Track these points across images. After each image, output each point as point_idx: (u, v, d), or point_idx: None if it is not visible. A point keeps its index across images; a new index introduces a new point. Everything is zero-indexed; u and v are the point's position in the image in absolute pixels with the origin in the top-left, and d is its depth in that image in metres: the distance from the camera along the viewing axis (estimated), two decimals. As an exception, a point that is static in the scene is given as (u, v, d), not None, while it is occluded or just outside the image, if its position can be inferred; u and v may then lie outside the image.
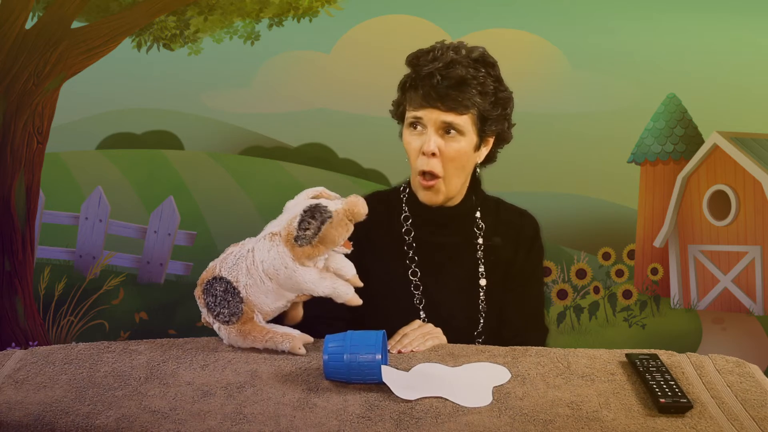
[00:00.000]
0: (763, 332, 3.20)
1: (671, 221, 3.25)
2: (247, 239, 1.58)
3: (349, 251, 1.57)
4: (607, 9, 3.09)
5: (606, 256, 3.24)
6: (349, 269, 1.59)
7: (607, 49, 3.09)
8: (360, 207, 1.52)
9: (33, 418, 1.31)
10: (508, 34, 3.08)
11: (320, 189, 1.59)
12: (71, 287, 3.14)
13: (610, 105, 3.12)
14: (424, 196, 1.78)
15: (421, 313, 1.80)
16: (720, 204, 3.21)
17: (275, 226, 1.55)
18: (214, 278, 1.54)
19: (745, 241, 3.18)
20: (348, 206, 1.51)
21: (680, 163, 3.22)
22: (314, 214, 1.49)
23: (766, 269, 3.17)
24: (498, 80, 1.76)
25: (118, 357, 1.54)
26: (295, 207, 1.55)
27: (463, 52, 1.73)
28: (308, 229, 1.49)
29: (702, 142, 3.18)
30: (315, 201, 1.53)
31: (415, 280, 1.82)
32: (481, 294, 1.83)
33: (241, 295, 1.53)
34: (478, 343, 1.81)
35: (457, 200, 1.82)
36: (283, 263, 1.51)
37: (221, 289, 1.54)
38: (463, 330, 1.79)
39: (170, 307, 3.16)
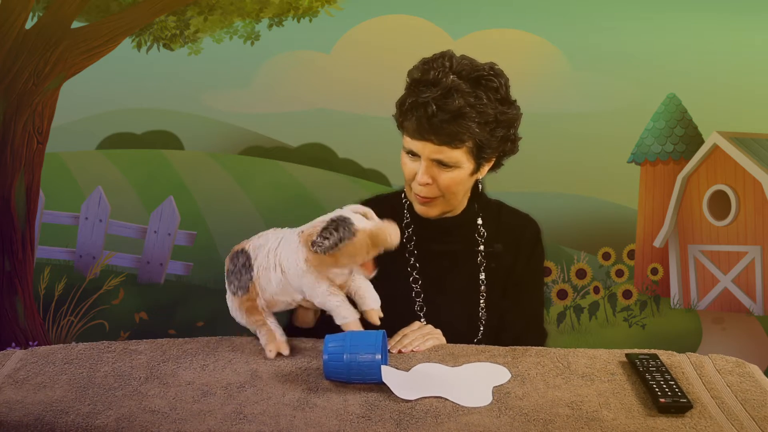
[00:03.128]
0: (763, 332, 3.20)
1: (671, 221, 3.24)
2: (286, 229, 1.60)
3: (370, 275, 1.56)
4: (607, 9, 3.09)
5: (606, 256, 3.24)
6: (372, 302, 1.58)
7: (607, 49, 3.09)
8: (386, 235, 1.50)
9: (33, 418, 1.31)
10: (508, 34, 3.08)
11: (367, 209, 1.57)
12: (71, 287, 3.14)
13: (610, 105, 3.12)
14: (420, 210, 1.77)
15: (422, 320, 1.80)
16: (720, 204, 3.21)
17: (308, 226, 1.56)
18: (241, 250, 1.59)
19: (745, 241, 3.18)
20: (375, 229, 1.51)
21: (680, 163, 3.22)
22: (338, 226, 1.49)
23: (766, 269, 3.17)
24: (503, 101, 1.69)
25: (118, 357, 1.55)
26: (330, 215, 1.56)
27: (466, 73, 1.65)
28: (327, 238, 1.49)
29: (702, 142, 3.18)
30: (347, 214, 1.53)
31: (416, 288, 1.82)
32: (482, 301, 1.83)
33: (252, 273, 1.56)
34: None
35: (458, 210, 1.82)
36: (296, 261, 1.53)
37: (241, 262, 1.58)
38: (463, 337, 1.77)
39: (170, 307, 3.16)
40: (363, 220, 1.53)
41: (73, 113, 3.08)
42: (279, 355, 1.56)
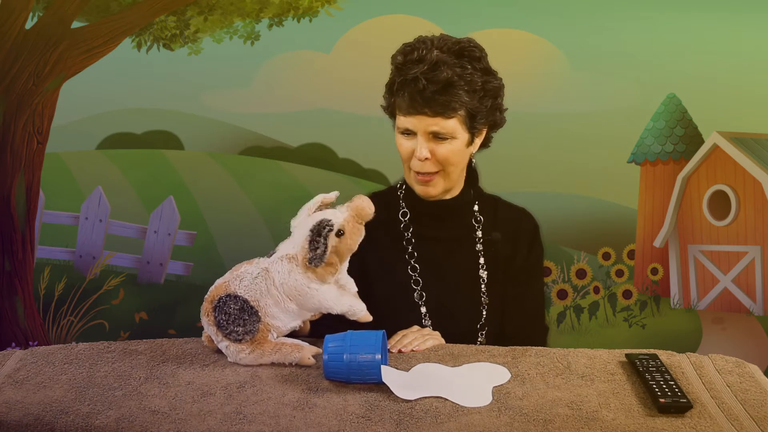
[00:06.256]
0: (763, 332, 3.20)
1: (671, 221, 3.24)
2: (261, 258, 1.54)
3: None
4: (607, 9, 3.09)
5: (606, 256, 3.24)
6: (352, 285, 1.60)
7: (607, 49, 3.09)
8: (367, 207, 1.52)
9: (33, 418, 1.31)
10: (508, 34, 3.08)
11: (318, 198, 1.56)
12: (71, 287, 3.14)
13: (610, 105, 3.11)
14: (421, 191, 1.78)
15: (422, 308, 1.81)
16: (720, 204, 3.21)
17: (289, 248, 1.52)
18: (228, 296, 1.50)
19: (745, 241, 3.18)
20: (356, 210, 1.51)
21: (680, 163, 3.22)
22: (320, 230, 1.48)
23: (766, 269, 3.17)
24: (486, 72, 1.74)
25: (118, 357, 1.54)
26: (300, 226, 1.52)
27: (448, 47, 1.70)
28: (317, 248, 1.47)
29: (702, 142, 3.18)
30: (319, 215, 1.51)
31: (415, 276, 1.82)
32: (482, 286, 1.83)
33: (259, 314, 1.50)
34: (481, 335, 1.82)
35: (455, 192, 1.83)
36: (306, 285, 1.49)
37: (236, 307, 1.49)
38: (465, 323, 1.80)
39: (170, 307, 3.16)
40: (337, 213, 1.51)
41: (73, 113, 3.08)
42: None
